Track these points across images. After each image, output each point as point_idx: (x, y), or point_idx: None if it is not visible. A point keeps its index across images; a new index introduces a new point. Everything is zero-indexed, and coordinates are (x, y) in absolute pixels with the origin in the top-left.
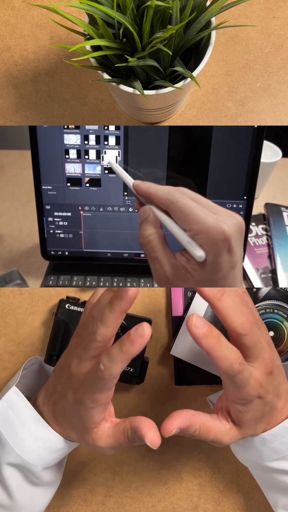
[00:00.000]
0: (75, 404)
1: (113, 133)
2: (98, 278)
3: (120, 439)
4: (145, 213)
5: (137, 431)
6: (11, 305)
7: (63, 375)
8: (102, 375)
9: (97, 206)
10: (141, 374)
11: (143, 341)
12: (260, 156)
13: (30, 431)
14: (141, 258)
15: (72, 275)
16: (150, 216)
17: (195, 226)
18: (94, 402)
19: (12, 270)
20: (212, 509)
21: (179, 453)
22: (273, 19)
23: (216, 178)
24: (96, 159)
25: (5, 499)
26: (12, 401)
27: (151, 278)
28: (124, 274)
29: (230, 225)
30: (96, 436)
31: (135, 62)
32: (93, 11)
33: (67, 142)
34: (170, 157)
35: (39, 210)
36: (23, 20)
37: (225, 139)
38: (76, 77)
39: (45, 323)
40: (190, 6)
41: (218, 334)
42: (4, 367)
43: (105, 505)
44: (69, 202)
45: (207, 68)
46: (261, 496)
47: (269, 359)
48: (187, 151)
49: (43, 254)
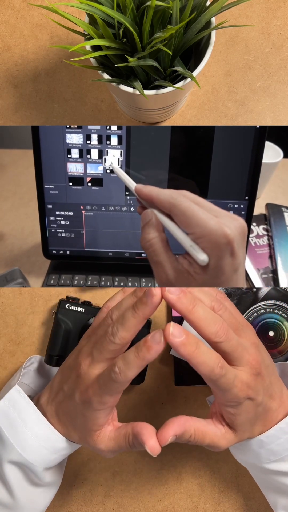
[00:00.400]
0: (81, 405)
1: (115, 132)
2: (99, 277)
3: (121, 443)
4: (147, 217)
5: (138, 437)
6: (11, 305)
7: (71, 375)
8: (117, 378)
9: (98, 205)
10: (141, 374)
11: (160, 347)
12: (262, 157)
13: (32, 430)
14: (142, 257)
15: (73, 274)
16: (152, 219)
17: (197, 229)
18: (102, 404)
19: (13, 269)
20: (212, 509)
21: (179, 453)
22: (273, 19)
23: (218, 178)
24: (98, 158)
25: (7, 498)
26: (14, 400)
27: (152, 277)
28: (125, 274)
29: (232, 228)
30: (98, 439)
31: (135, 62)
32: (93, 11)
33: (70, 142)
34: (172, 157)
35: (41, 209)
36: (23, 20)
37: (227, 139)
38: (76, 77)
39: (45, 323)
40: (190, 6)
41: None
42: (4, 367)
43: (105, 505)
44: (71, 202)
45: (207, 68)
46: (261, 496)
47: (255, 360)
48: (189, 151)
49: (45, 253)
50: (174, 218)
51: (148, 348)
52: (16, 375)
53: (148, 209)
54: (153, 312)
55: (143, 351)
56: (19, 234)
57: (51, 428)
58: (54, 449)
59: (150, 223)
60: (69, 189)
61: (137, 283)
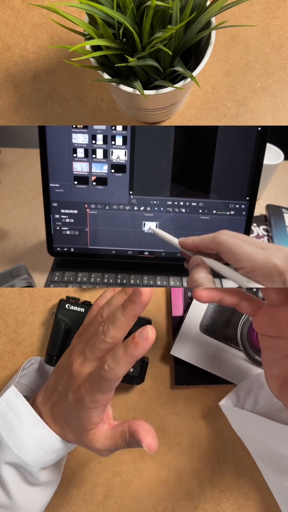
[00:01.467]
0: (75, 404)
1: (120, 133)
2: (102, 275)
3: (118, 442)
4: (194, 261)
5: (135, 435)
6: (11, 305)
7: (64, 375)
8: (107, 376)
9: (103, 204)
10: (141, 374)
11: (148, 344)
12: (263, 158)
13: (28, 431)
14: (144, 256)
15: (77, 271)
16: (200, 262)
17: (247, 263)
18: (94, 403)
19: (19, 265)
20: (212, 509)
21: (179, 453)
22: (273, 19)
23: (220, 178)
24: (103, 158)
25: (4, 499)
26: (10, 401)
27: (154, 275)
28: (128, 271)
29: (281, 259)
30: (94, 438)
31: (135, 62)
32: (93, 11)
33: (75, 141)
34: (175, 157)
35: (46, 207)
36: (23, 20)
37: (229, 140)
38: (76, 77)
39: (45, 323)
40: (190, 6)
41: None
42: (4, 367)
43: (105, 505)
44: (76, 200)
45: (207, 68)
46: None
47: None
48: (192, 152)
49: (49, 250)
50: (222, 256)
51: (136, 344)
52: (14, 376)
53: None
54: (142, 310)
55: (131, 348)
56: (22, 232)
57: (47, 428)
58: (51, 449)
59: (198, 265)
60: (74, 188)
61: (139, 280)
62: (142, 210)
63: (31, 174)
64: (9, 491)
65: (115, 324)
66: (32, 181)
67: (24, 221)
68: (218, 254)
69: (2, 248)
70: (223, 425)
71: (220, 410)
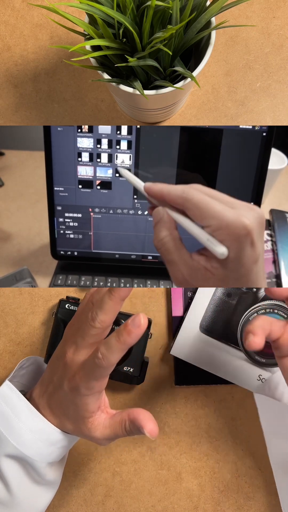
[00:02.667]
0: (70, 393)
1: (125, 137)
2: (105, 279)
3: (117, 430)
4: (158, 215)
5: (136, 422)
6: (11, 305)
7: (59, 365)
8: (101, 363)
9: (107, 208)
10: (141, 374)
11: (140, 331)
12: (268, 162)
13: (26, 424)
14: (148, 260)
15: (80, 275)
16: (164, 217)
17: (214, 221)
18: (89, 389)
19: (22, 269)
20: (212, 509)
21: (179, 453)
22: (273, 19)
23: (225, 182)
24: (108, 162)
25: (3, 494)
26: (5, 395)
27: (158, 280)
28: (131, 276)
29: (251, 219)
30: (92, 426)
31: (135, 62)
32: (93, 11)
33: (80, 145)
34: (180, 162)
35: (50, 211)
36: (23, 20)
37: (234, 144)
38: (76, 77)
39: (45, 323)
40: (190, 6)
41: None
42: (4, 367)
43: (105, 505)
44: (80, 204)
45: (207, 68)
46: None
47: None
48: (197, 156)
49: (53, 254)
50: (188, 213)
51: (129, 332)
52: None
53: (158, 207)
54: (128, 293)
55: (124, 336)
56: (26, 235)
57: (44, 420)
58: (50, 441)
59: (161, 221)
60: (79, 192)
61: (143, 284)
62: (146, 214)
63: (35, 177)
64: (9, 486)
65: (103, 308)
66: (36, 184)
67: (28, 224)
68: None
69: (5, 250)
70: (223, 425)
71: (220, 410)
